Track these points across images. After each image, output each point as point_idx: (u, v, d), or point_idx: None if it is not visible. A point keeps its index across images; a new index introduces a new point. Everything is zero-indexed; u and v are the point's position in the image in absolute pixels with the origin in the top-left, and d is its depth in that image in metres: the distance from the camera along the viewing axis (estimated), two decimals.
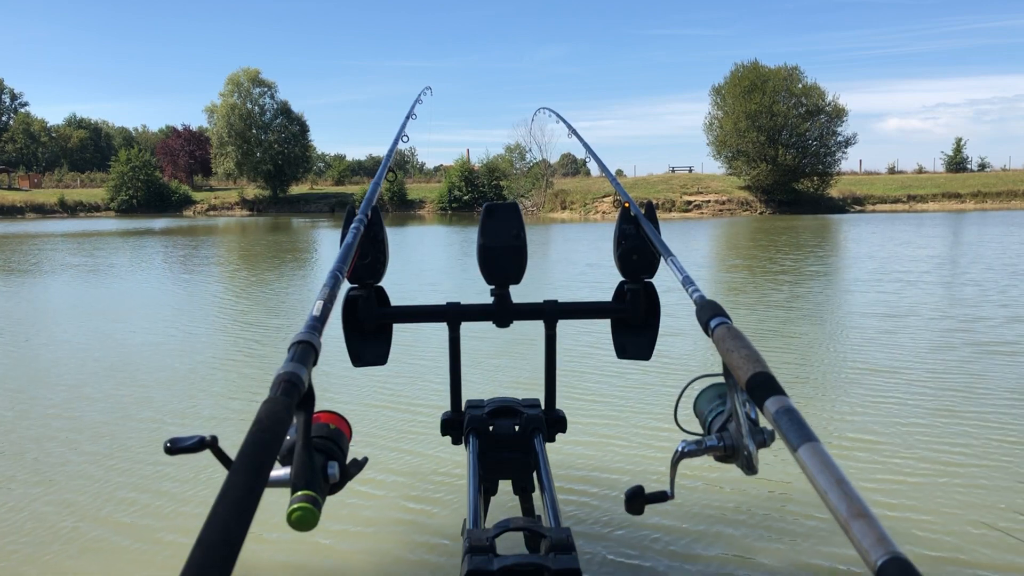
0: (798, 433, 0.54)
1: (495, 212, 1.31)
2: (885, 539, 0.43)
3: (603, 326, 1.35)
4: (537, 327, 1.29)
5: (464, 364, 1.29)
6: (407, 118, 1.77)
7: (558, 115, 2.22)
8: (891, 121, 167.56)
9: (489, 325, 1.30)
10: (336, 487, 0.77)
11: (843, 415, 5.47)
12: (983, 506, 3.89)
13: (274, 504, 0.74)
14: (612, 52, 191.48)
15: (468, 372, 1.24)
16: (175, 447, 0.69)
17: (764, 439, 0.83)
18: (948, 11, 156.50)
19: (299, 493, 0.69)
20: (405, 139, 1.77)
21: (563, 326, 1.30)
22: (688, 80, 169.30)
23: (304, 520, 0.68)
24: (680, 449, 0.91)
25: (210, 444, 0.69)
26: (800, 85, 48.96)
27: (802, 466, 0.52)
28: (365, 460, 0.82)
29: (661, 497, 0.92)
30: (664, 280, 1.26)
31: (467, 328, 1.29)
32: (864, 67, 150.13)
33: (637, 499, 0.93)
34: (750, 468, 0.85)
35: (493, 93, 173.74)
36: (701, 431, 0.98)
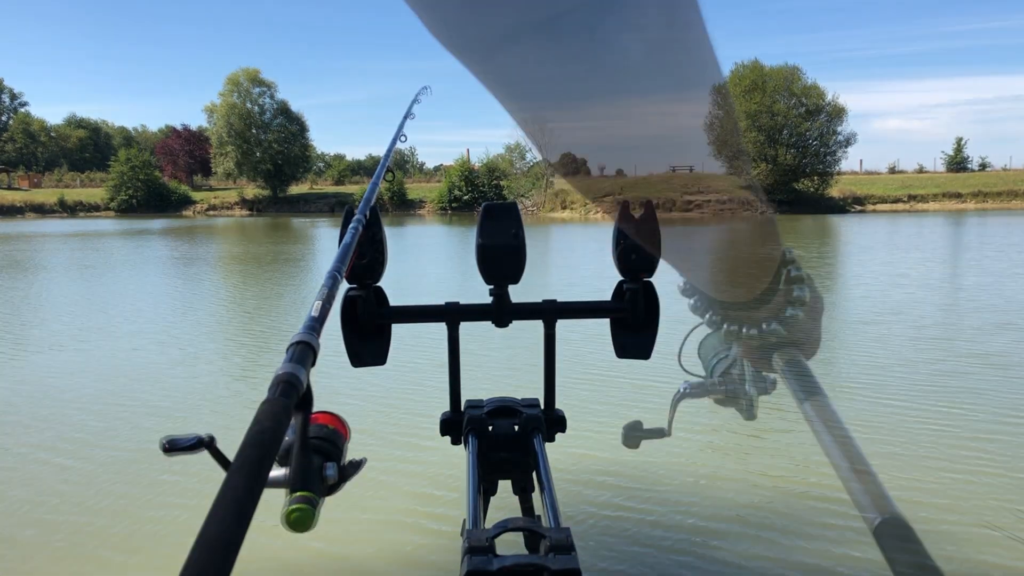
0: (804, 385, 0.52)
1: (493, 212, 1.30)
2: (885, 497, 0.42)
3: (603, 326, 1.35)
4: (536, 327, 1.29)
5: (463, 364, 1.29)
6: (405, 118, 1.76)
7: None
8: (890, 121, 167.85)
9: (488, 325, 1.30)
10: (333, 488, 0.77)
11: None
12: (984, 506, 3.89)
13: (271, 505, 0.73)
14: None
15: (467, 372, 1.24)
16: (172, 447, 0.68)
17: (766, 387, 0.82)
18: (946, 11, 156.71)
19: (296, 494, 0.69)
20: (403, 139, 1.76)
21: (562, 325, 1.29)
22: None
23: (301, 521, 0.67)
24: (682, 390, 0.91)
25: (207, 444, 0.69)
26: (800, 85, 49.00)
27: (807, 419, 0.50)
28: (363, 461, 0.81)
29: (659, 433, 0.91)
30: (664, 280, 1.26)
31: (466, 328, 1.29)
32: (861, 67, 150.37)
33: (634, 433, 0.93)
34: (750, 414, 0.85)
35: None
36: (703, 375, 0.97)
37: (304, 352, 0.66)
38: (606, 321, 1.40)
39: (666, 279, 1.18)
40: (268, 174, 59.74)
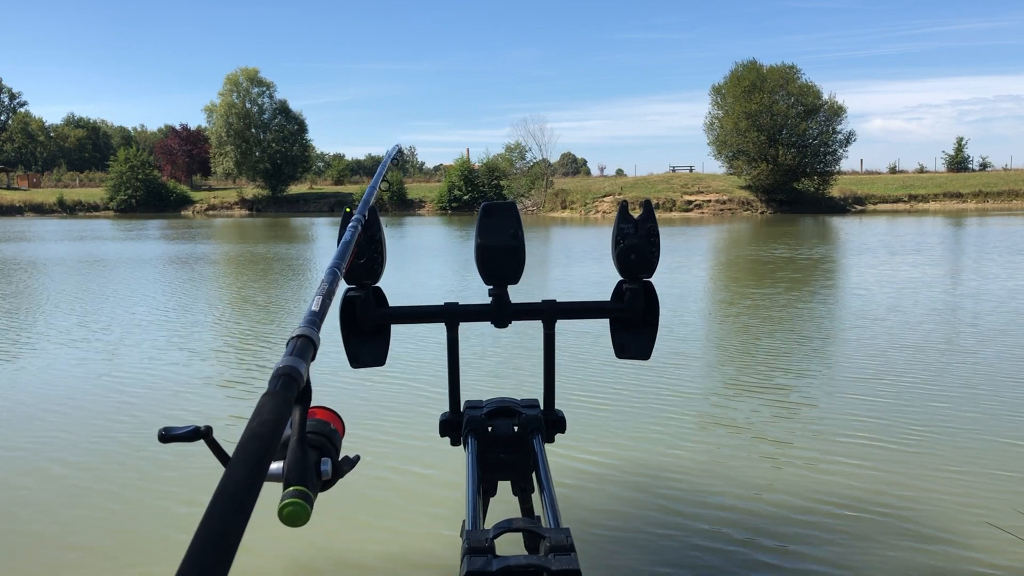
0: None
1: (492, 212, 1.30)
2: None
3: (602, 326, 1.35)
4: (536, 327, 1.28)
5: (463, 364, 1.28)
6: (380, 175, 1.71)
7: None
8: (891, 121, 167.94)
9: (488, 325, 1.30)
10: (328, 484, 0.77)
11: (839, 418, 5.47)
12: (985, 505, 3.89)
13: (266, 499, 0.73)
14: (608, 51, 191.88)
15: (467, 373, 1.24)
16: (169, 435, 0.68)
17: None
18: (947, 10, 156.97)
19: (291, 489, 0.68)
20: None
21: (562, 326, 1.29)
22: (686, 80, 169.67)
23: (295, 516, 0.67)
24: None
25: (204, 434, 0.68)
26: (796, 84, 48.94)
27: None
28: (357, 458, 0.81)
29: None
30: (664, 279, 1.25)
31: (466, 328, 1.29)
32: (861, 67, 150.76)
33: None
34: None
35: (488, 93, 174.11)
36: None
37: (305, 346, 0.65)
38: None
39: (666, 279, 1.18)
40: (267, 174, 59.72)
